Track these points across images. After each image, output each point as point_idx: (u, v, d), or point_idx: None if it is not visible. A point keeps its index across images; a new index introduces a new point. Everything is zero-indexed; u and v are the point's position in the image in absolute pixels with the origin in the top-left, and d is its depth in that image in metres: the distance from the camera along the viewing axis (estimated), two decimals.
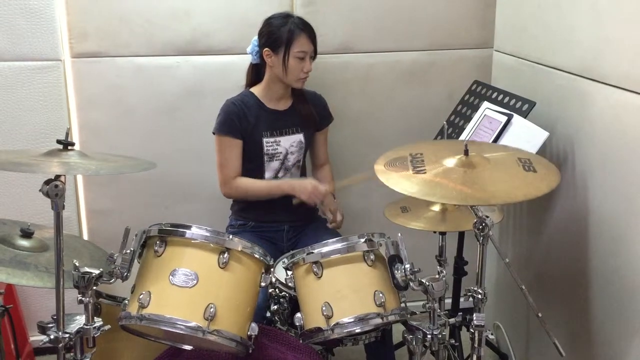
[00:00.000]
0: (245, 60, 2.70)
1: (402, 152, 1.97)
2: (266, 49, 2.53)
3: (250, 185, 2.61)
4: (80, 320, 1.81)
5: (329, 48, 2.84)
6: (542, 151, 2.28)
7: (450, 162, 1.88)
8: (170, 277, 1.81)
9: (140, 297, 1.80)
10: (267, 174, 2.65)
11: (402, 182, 1.81)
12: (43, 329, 1.79)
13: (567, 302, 2.41)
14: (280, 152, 2.63)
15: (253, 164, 2.62)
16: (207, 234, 1.87)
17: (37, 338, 2.89)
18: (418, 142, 2.06)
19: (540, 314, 2.02)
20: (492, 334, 3.08)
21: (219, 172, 2.62)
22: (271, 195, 2.61)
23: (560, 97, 2.38)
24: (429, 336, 1.85)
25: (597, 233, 2.19)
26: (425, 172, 1.83)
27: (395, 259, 1.87)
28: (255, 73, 2.67)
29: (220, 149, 2.60)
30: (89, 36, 2.77)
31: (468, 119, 2.63)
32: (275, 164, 2.64)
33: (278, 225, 2.69)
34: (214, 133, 2.60)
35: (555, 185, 1.82)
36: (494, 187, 1.80)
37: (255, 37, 2.60)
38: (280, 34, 2.49)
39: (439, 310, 1.87)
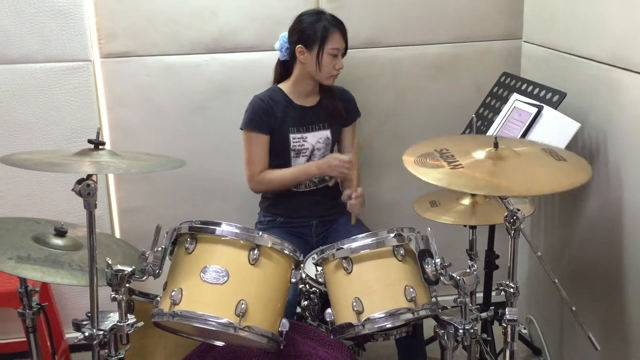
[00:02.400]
0: (272, 57, 2.71)
1: (426, 148, 1.95)
2: (299, 46, 2.52)
3: (276, 175, 2.61)
4: (113, 318, 1.83)
5: (354, 43, 2.83)
6: (574, 143, 2.25)
7: (481, 154, 1.86)
8: (202, 274, 1.83)
9: (172, 294, 1.81)
10: None
11: (444, 178, 1.77)
12: (78, 327, 1.81)
13: (601, 295, 2.38)
14: (307, 148, 2.63)
15: (280, 160, 2.63)
16: (237, 231, 1.88)
17: (72, 335, 2.93)
18: (440, 138, 2.02)
19: (574, 308, 2.00)
20: (524, 328, 3.04)
21: (246, 168, 2.63)
22: (299, 180, 2.62)
23: (591, 88, 2.34)
24: (460, 331, 1.83)
25: (631, 225, 2.15)
26: (462, 167, 1.80)
27: (425, 254, 1.86)
28: (284, 69, 2.67)
29: (247, 144, 2.61)
30: (118, 36, 2.80)
31: (497, 111, 2.61)
32: (301, 160, 2.64)
33: (307, 221, 2.69)
34: (241, 129, 2.61)
35: (591, 174, 1.80)
36: (535, 179, 1.78)
37: (284, 34, 2.61)
38: (315, 31, 2.49)
39: (470, 305, 1.85)
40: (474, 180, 1.76)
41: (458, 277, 1.80)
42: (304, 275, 2.15)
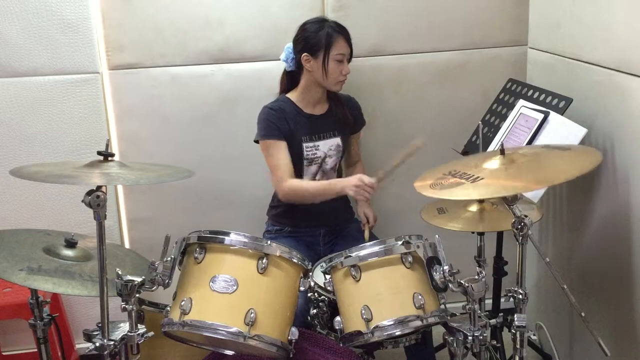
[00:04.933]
0: (278, 67, 2.72)
1: (434, 174, 1.94)
2: (305, 54, 2.54)
3: (304, 186, 2.56)
4: (124, 328, 1.84)
5: (361, 51, 2.84)
6: None
7: (492, 164, 1.87)
8: (211, 283, 1.84)
9: (182, 303, 1.82)
10: (306, 178, 2.66)
11: (473, 192, 1.78)
12: (89, 337, 1.82)
13: (610, 300, 2.37)
14: (319, 157, 2.64)
15: (293, 169, 2.63)
16: (246, 240, 1.89)
17: (83, 346, 2.97)
18: (440, 166, 2.02)
19: (583, 314, 1.99)
20: (534, 335, 3.01)
21: (273, 175, 2.58)
22: (325, 196, 2.54)
23: (598, 93, 2.34)
24: (469, 338, 1.83)
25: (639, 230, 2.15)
26: (483, 179, 1.80)
27: (433, 261, 1.86)
28: (290, 79, 2.68)
29: (268, 154, 2.58)
30: (125, 48, 2.82)
31: (504, 117, 2.61)
32: (313, 168, 2.64)
33: (314, 229, 2.69)
34: (256, 141, 2.61)
35: (600, 156, 1.84)
36: (559, 167, 1.80)
37: (288, 45, 2.62)
38: (319, 39, 2.51)
39: (479, 311, 1.85)
40: (502, 187, 1.77)
41: (466, 284, 1.81)
42: (312, 284, 2.16)
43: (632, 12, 2.11)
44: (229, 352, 2.00)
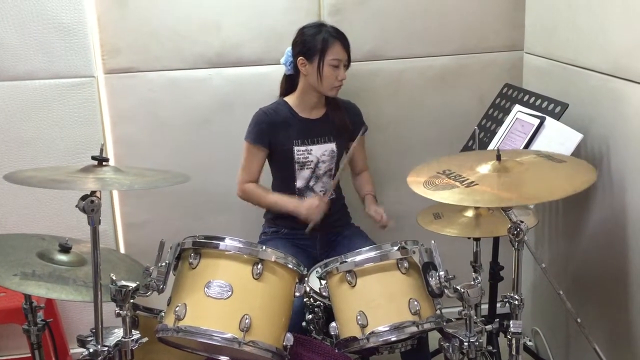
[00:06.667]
0: (275, 71, 2.72)
1: (428, 171, 1.94)
2: (301, 57, 2.54)
3: (258, 193, 2.67)
4: (118, 333, 1.84)
5: (358, 55, 2.84)
6: (577, 153, 2.25)
7: (486, 168, 1.87)
8: (206, 289, 1.83)
9: (177, 309, 1.82)
10: (299, 182, 2.66)
11: (466, 198, 1.77)
12: (83, 343, 1.82)
13: (606, 306, 2.37)
14: (312, 161, 2.64)
15: (284, 172, 2.64)
16: (241, 246, 1.88)
17: (77, 351, 2.93)
18: (435, 161, 2.03)
19: (579, 320, 1.99)
20: (530, 340, 3.04)
21: (239, 173, 2.68)
22: (274, 209, 2.68)
23: (593, 98, 2.35)
24: (465, 343, 1.83)
25: (636, 234, 2.14)
26: (477, 184, 1.79)
27: (429, 266, 1.86)
28: (289, 83, 2.69)
29: (245, 154, 2.65)
30: (121, 52, 2.81)
31: (500, 122, 2.61)
32: (306, 173, 2.64)
33: (311, 233, 2.68)
34: (245, 139, 2.64)
35: (595, 172, 1.84)
36: (553, 183, 1.80)
37: (289, 48, 2.62)
38: (315, 43, 2.51)
39: (475, 317, 1.85)
40: (496, 196, 1.76)
41: (462, 290, 1.80)
42: (308, 289, 2.15)
43: (627, 18, 2.11)
44: (224, 358, 1.99)
